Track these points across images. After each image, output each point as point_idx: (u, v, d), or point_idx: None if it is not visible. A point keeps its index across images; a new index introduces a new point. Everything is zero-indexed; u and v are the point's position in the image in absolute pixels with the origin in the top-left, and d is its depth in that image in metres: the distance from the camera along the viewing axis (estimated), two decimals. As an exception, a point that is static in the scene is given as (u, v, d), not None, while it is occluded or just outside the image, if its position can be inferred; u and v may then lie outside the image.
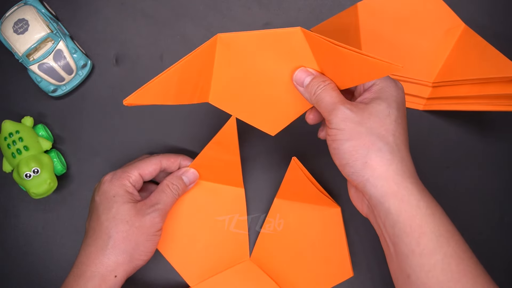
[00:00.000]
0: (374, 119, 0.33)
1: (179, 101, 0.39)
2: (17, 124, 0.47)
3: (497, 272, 0.48)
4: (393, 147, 0.33)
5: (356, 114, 0.33)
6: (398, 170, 0.33)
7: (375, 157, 0.33)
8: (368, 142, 0.33)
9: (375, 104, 0.34)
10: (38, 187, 0.45)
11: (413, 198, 0.32)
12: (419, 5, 0.49)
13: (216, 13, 0.52)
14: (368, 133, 0.33)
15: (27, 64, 0.48)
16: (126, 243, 0.39)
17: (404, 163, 0.33)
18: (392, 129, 0.33)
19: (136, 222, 0.39)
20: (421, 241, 0.32)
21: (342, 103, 0.34)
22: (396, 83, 0.35)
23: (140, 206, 0.40)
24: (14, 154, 0.45)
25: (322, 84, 0.35)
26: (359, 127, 0.33)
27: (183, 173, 0.45)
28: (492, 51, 0.44)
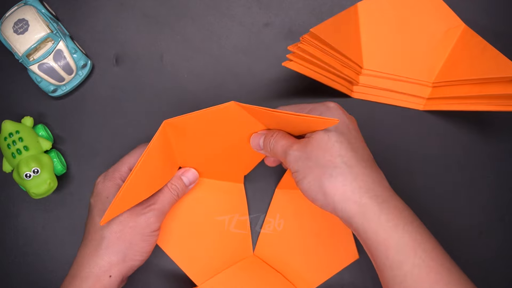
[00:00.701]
0: (317, 149, 0.35)
1: (154, 191, 0.42)
2: (17, 124, 0.47)
3: (497, 272, 0.48)
4: (343, 167, 0.34)
5: (303, 151, 0.35)
6: (354, 189, 0.33)
7: (329, 184, 0.34)
8: (320, 173, 0.34)
9: (314, 134, 0.35)
10: (38, 187, 0.45)
11: (373, 214, 0.33)
12: (419, 5, 0.49)
13: (216, 13, 0.52)
14: (317, 165, 0.34)
15: (27, 64, 0.48)
16: (120, 243, 0.39)
17: (359, 179, 0.33)
18: (336, 151, 0.34)
19: (130, 222, 0.39)
20: (388, 254, 0.32)
21: (290, 148, 0.36)
22: (329, 108, 0.37)
23: (136, 206, 0.40)
24: (14, 154, 0.45)
25: (272, 139, 0.38)
26: (308, 162, 0.35)
27: (183, 173, 0.44)
28: (492, 51, 0.44)
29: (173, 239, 0.47)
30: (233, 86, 0.51)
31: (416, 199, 0.49)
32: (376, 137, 0.50)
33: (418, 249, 0.32)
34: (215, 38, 0.52)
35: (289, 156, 0.36)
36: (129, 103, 0.51)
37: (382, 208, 0.33)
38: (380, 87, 0.50)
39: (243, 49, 0.52)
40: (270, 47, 0.52)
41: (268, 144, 0.38)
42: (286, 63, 0.47)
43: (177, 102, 0.51)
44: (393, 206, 0.33)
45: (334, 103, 0.37)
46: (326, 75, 0.48)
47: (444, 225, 0.48)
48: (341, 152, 0.34)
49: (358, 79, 0.50)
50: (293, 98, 0.51)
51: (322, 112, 0.37)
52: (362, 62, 0.49)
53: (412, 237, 0.32)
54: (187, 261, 0.48)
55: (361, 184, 0.33)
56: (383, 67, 0.49)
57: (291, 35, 0.52)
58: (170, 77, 0.51)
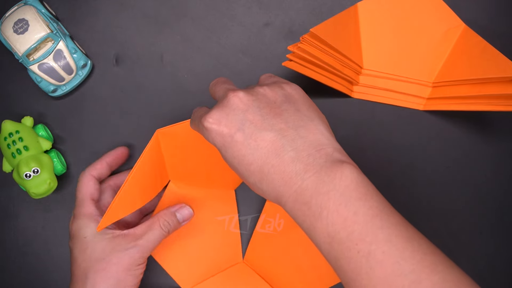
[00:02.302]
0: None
1: (147, 200, 0.42)
2: (17, 124, 0.47)
3: (497, 272, 0.48)
4: (254, 186, 0.32)
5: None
6: (275, 201, 0.32)
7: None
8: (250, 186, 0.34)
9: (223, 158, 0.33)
10: (38, 187, 0.45)
11: (293, 220, 0.31)
12: (419, 5, 0.49)
13: (216, 13, 0.52)
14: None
15: (27, 64, 0.48)
16: (105, 281, 0.37)
17: (266, 194, 0.32)
18: (240, 172, 0.32)
19: (114, 259, 0.38)
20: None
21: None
22: (203, 125, 0.32)
23: (119, 241, 0.39)
24: (14, 154, 0.45)
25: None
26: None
27: (177, 210, 0.43)
28: (492, 51, 0.44)
29: (162, 245, 0.47)
30: (233, 86, 0.51)
31: (416, 199, 0.49)
32: (376, 137, 0.50)
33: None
34: (215, 38, 0.52)
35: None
36: (129, 103, 0.51)
37: (293, 215, 0.31)
38: (380, 87, 0.50)
39: (243, 49, 0.52)
40: (270, 47, 0.52)
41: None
42: (286, 63, 0.47)
43: (177, 102, 0.51)
44: (301, 204, 0.30)
45: (206, 123, 0.32)
46: (326, 75, 0.48)
47: (444, 225, 0.48)
48: (245, 173, 0.32)
49: (358, 79, 0.50)
50: (293, 98, 0.51)
51: (206, 136, 0.33)
52: (362, 62, 0.49)
53: (324, 232, 0.29)
54: (175, 266, 0.47)
55: (273, 195, 0.31)
56: (383, 67, 0.49)
57: (291, 35, 0.52)
58: (170, 77, 0.51)
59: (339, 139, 0.51)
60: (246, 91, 0.33)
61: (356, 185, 0.29)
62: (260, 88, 0.33)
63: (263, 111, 0.32)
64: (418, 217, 0.48)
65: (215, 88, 0.36)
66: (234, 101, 0.32)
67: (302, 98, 0.34)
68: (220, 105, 0.32)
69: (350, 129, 0.50)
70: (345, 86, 0.50)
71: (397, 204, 0.48)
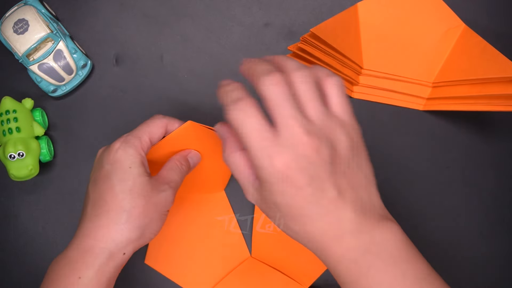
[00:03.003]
0: (272, 212, 0.32)
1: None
2: (17, 103, 0.47)
3: (498, 272, 0.48)
4: (297, 231, 0.32)
5: (260, 197, 0.32)
6: (315, 250, 0.32)
7: (291, 232, 0.33)
8: (287, 233, 0.33)
9: (264, 198, 0.32)
10: (18, 170, 0.45)
11: (332, 272, 0.32)
12: (419, 5, 0.49)
13: (216, 13, 0.52)
14: (281, 225, 0.33)
15: (27, 64, 0.48)
16: (141, 218, 0.36)
17: (312, 242, 0.32)
18: (288, 214, 0.31)
19: (153, 198, 0.36)
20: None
21: (247, 191, 0.33)
22: (273, 160, 0.29)
23: (155, 182, 0.37)
24: (5, 132, 0.46)
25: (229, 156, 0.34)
26: (269, 211, 0.33)
27: (188, 154, 0.42)
28: (492, 51, 0.44)
29: (164, 255, 0.47)
30: (233, 86, 0.51)
31: (416, 199, 0.49)
32: (376, 137, 0.50)
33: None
34: (215, 38, 0.52)
35: (249, 197, 0.33)
36: (129, 103, 0.51)
37: (337, 270, 0.31)
38: (380, 87, 0.50)
39: (243, 49, 0.52)
40: (270, 47, 0.52)
41: (230, 158, 0.34)
42: (286, 63, 0.47)
43: (177, 102, 0.51)
44: (349, 261, 0.31)
45: (281, 162, 0.29)
46: (326, 75, 0.48)
47: (444, 225, 0.48)
48: (293, 222, 0.31)
49: (358, 79, 0.50)
50: (293, 98, 0.51)
51: (265, 168, 0.30)
52: (362, 62, 0.49)
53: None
54: (184, 275, 0.47)
55: (319, 246, 0.31)
56: (383, 67, 0.49)
57: (291, 35, 0.52)
58: (170, 77, 0.51)
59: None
60: (321, 138, 0.29)
61: (404, 247, 0.31)
62: (336, 135, 0.31)
63: (335, 166, 0.30)
64: (418, 217, 0.48)
65: (280, 108, 0.30)
66: (311, 152, 0.29)
67: (362, 146, 0.33)
68: (295, 153, 0.29)
69: (350, 129, 0.50)
70: (345, 86, 0.50)
71: (397, 204, 0.48)
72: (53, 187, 0.50)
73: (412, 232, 0.36)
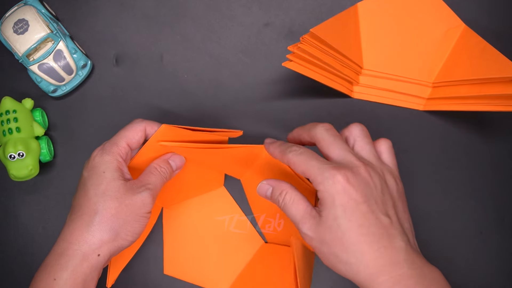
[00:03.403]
0: (329, 236, 0.34)
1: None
2: (17, 103, 0.47)
3: (498, 272, 0.48)
4: (356, 256, 0.33)
5: (316, 234, 0.34)
6: (366, 278, 0.33)
7: (345, 271, 0.34)
8: (335, 261, 0.34)
9: (324, 218, 0.34)
10: (18, 171, 0.45)
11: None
12: (419, 5, 0.49)
13: (216, 13, 0.52)
14: (333, 253, 0.34)
15: (27, 64, 0.48)
16: (114, 220, 0.37)
17: (364, 265, 0.33)
18: (347, 240, 0.33)
19: (127, 200, 0.37)
20: None
21: (302, 224, 0.35)
22: (334, 175, 0.33)
23: (131, 185, 0.38)
24: (5, 132, 0.46)
25: (280, 199, 0.36)
26: (322, 247, 0.34)
27: (170, 158, 0.43)
28: (492, 51, 0.44)
29: (181, 262, 0.47)
30: (233, 86, 0.51)
31: (415, 199, 0.49)
32: (376, 137, 0.50)
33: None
34: (215, 38, 0.52)
35: (302, 233, 0.35)
36: (129, 103, 0.51)
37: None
38: (380, 87, 0.50)
39: (243, 49, 0.52)
40: (270, 47, 0.52)
41: (278, 201, 0.37)
42: (286, 63, 0.47)
43: (177, 102, 0.51)
44: (402, 286, 0.32)
45: (341, 176, 0.33)
46: (326, 75, 0.48)
47: (444, 225, 0.48)
48: (352, 239, 0.33)
49: (358, 79, 0.50)
50: (293, 98, 0.51)
51: (327, 186, 0.34)
52: (362, 62, 0.49)
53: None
54: (204, 276, 0.47)
55: (372, 271, 0.33)
56: (383, 67, 0.49)
57: (291, 35, 0.52)
58: (170, 77, 0.51)
59: (339, 139, 0.50)
60: (374, 169, 0.35)
61: (448, 286, 0.34)
62: (385, 175, 0.36)
63: (385, 197, 0.34)
64: (418, 217, 0.48)
65: (334, 142, 0.36)
66: (366, 175, 0.34)
67: (405, 197, 0.37)
68: (352, 170, 0.34)
69: (350, 129, 0.50)
70: (345, 86, 0.50)
71: (397, 204, 0.48)
72: (53, 187, 0.50)
73: (412, 232, 0.36)
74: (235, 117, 0.50)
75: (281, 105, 0.50)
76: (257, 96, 0.51)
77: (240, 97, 0.51)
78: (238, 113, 0.50)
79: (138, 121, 0.41)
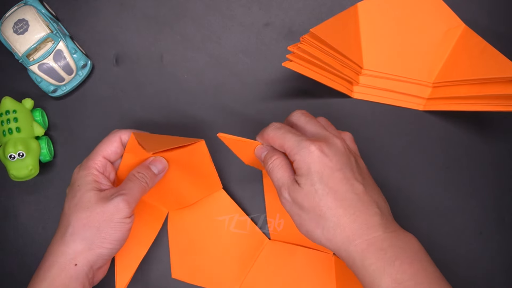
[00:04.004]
0: (307, 202, 0.36)
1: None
2: (17, 103, 0.47)
3: (498, 273, 0.48)
4: (332, 220, 0.35)
5: (295, 200, 0.37)
6: (343, 241, 0.35)
7: (321, 236, 0.36)
8: (313, 226, 0.36)
9: (302, 185, 0.36)
10: (19, 171, 0.46)
11: (358, 262, 0.35)
12: (419, 5, 0.49)
13: (216, 13, 0.52)
14: (309, 217, 0.36)
15: (27, 65, 0.48)
16: (86, 229, 0.38)
17: (341, 229, 0.35)
18: (324, 205, 0.35)
19: (97, 208, 0.38)
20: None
21: (283, 190, 0.37)
22: (309, 148, 0.36)
23: (104, 194, 0.39)
24: (5, 132, 0.46)
25: (270, 163, 0.39)
26: (301, 212, 0.36)
27: (150, 162, 0.43)
28: (492, 51, 0.44)
29: (188, 265, 0.47)
30: (233, 86, 0.51)
31: (416, 199, 0.49)
32: (376, 137, 0.50)
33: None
34: (215, 38, 0.52)
35: (282, 198, 0.38)
36: (129, 103, 0.51)
37: (364, 257, 0.34)
38: (380, 87, 0.50)
39: (243, 49, 0.52)
40: (270, 47, 0.52)
41: (266, 165, 0.39)
42: (286, 63, 0.47)
43: (177, 102, 0.51)
44: (377, 249, 0.34)
45: (315, 146, 0.35)
46: (326, 75, 0.48)
47: (444, 225, 0.48)
48: (328, 204, 0.35)
49: (358, 79, 0.50)
50: (293, 98, 0.51)
51: (303, 157, 0.36)
52: (362, 62, 0.49)
53: (393, 277, 0.33)
54: (212, 278, 0.47)
55: (343, 235, 0.35)
56: (383, 67, 0.49)
57: (291, 35, 0.52)
58: (170, 77, 0.51)
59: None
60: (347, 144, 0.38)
61: (424, 252, 0.35)
62: (351, 147, 0.39)
63: (357, 168, 0.37)
64: (418, 217, 0.48)
65: (309, 122, 0.39)
66: (340, 145, 0.37)
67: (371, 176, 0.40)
68: (327, 142, 0.36)
69: (350, 129, 0.50)
70: (345, 86, 0.50)
71: (397, 204, 0.48)
72: (53, 187, 0.50)
73: (412, 232, 0.36)
74: (235, 117, 0.50)
75: (281, 105, 0.50)
76: (257, 96, 0.51)
77: (240, 97, 0.51)
78: (238, 113, 0.50)
79: (113, 132, 0.42)
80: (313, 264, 0.47)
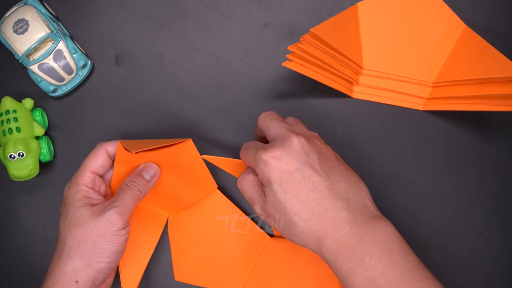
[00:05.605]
0: (275, 212, 0.36)
1: None
2: (17, 103, 0.47)
3: (498, 273, 0.48)
4: (299, 225, 0.35)
5: (267, 214, 0.37)
6: (315, 244, 0.35)
7: (298, 242, 0.36)
8: (288, 234, 0.36)
9: (268, 197, 0.36)
10: (19, 171, 0.46)
11: (332, 264, 0.35)
12: (419, 5, 0.49)
13: (216, 13, 0.52)
14: (284, 227, 0.36)
15: (27, 64, 0.48)
16: (82, 246, 0.38)
17: (311, 232, 0.35)
18: (290, 211, 0.35)
19: (91, 224, 0.38)
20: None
21: (255, 204, 0.38)
22: (262, 159, 0.36)
23: (96, 208, 0.39)
24: (5, 132, 0.46)
25: (239, 184, 0.40)
26: (276, 224, 0.37)
27: (142, 169, 0.43)
28: (492, 51, 0.44)
29: (190, 267, 0.47)
30: (233, 86, 0.51)
31: (415, 199, 0.49)
32: (376, 137, 0.50)
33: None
34: (215, 38, 0.52)
35: (257, 213, 0.38)
36: (129, 103, 0.51)
37: (335, 257, 0.34)
38: (380, 87, 0.50)
39: (243, 49, 0.52)
40: (270, 47, 0.52)
41: (240, 188, 0.40)
42: (286, 63, 0.47)
43: (177, 102, 0.51)
44: (345, 248, 0.34)
45: (268, 155, 0.35)
46: (326, 75, 0.48)
47: (444, 225, 0.48)
48: (294, 210, 0.35)
49: (358, 79, 0.50)
50: (293, 98, 0.51)
51: (259, 167, 0.36)
52: (362, 62, 0.49)
53: (364, 276, 0.33)
54: (215, 278, 0.47)
55: (318, 236, 0.35)
56: (383, 67, 0.49)
57: (291, 35, 0.52)
58: (170, 77, 0.51)
59: (339, 139, 0.51)
60: (307, 138, 0.37)
61: (396, 240, 0.34)
62: (317, 141, 0.38)
63: (321, 160, 0.36)
64: (418, 217, 0.48)
65: (271, 124, 0.39)
66: (296, 143, 0.36)
67: (340, 158, 0.39)
68: (282, 144, 0.36)
69: (350, 129, 0.50)
70: (345, 86, 0.50)
71: (397, 204, 0.49)
72: (53, 187, 0.50)
73: (412, 232, 0.36)
74: (235, 117, 0.50)
75: (281, 105, 0.50)
76: (257, 96, 0.51)
77: (240, 97, 0.51)
78: (238, 113, 0.50)
79: (98, 146, 0.43)
80: (315, 260, 0.47)
